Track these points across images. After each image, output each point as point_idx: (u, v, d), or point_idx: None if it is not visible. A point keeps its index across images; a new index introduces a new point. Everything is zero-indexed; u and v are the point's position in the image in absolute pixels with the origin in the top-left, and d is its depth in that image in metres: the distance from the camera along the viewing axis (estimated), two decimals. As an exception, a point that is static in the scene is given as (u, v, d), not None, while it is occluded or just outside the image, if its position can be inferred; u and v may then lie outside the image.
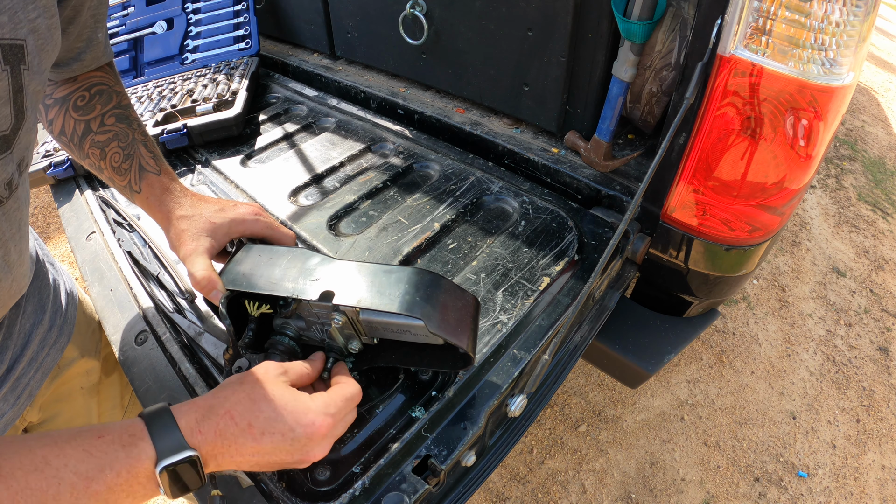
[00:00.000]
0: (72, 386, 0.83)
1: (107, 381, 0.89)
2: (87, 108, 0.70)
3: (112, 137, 0.70)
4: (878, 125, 3.49)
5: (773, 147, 0.73)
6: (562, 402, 1.82)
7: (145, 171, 0.70)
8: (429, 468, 0.61)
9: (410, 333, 0.63)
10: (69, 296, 0.81)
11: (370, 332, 0.64)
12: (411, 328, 0.61)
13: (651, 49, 0.98)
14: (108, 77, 0.73)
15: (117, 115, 0.72)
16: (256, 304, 0.63)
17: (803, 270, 2.32)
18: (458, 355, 0.64)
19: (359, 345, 0.65)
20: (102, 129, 0.70)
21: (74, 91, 0.70)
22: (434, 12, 1.21)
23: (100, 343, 0.88)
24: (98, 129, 0.70)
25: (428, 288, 0.60)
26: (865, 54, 0.70)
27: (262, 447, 0.48)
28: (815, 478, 1.62)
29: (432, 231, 0.92)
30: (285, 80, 1.56)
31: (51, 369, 0.75)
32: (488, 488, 1.59)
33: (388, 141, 1.21)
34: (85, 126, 0.70)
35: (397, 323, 0.60)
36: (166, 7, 1.57)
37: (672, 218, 0.88)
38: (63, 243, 2.57)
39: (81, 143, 0.71)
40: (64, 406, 0.82)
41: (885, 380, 1.90)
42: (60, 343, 0.76)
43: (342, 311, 0.59)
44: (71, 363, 0.81)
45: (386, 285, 0.59)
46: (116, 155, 0.70)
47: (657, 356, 0.96)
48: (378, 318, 0.60)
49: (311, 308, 0.62)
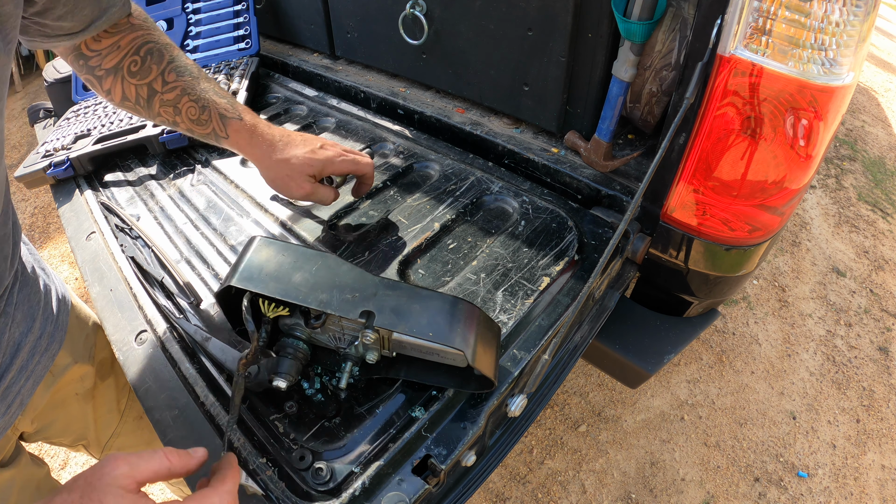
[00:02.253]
0: (66, 393, 0.82)
1: (102, 386, 0.88)
2: (144, 71, 0.71)
3: (181, 93, 0.72)
4: (878, 125, 3.49)
5: (773, 147, 0.73)
6: (562, 402, 1.82)
7: (227, 118, 0.74)
8: (429, 468, 0.61)
9: (438, 356, 0.63)
10: (61, 302, 0.79)
11: (395, 349, 0.64)
12: (442, 353, 0.62)
13: (651, 49, 0.98)
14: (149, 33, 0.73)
15: (177, 70, 0.73)
16: (273, 305, 0.61)
17: (803, 270, 2.32)
18: (475, 377, 0.65)
19: (376, 356, 0.64)
20: (167, 87, 0.72)
21: (124, 57, 0.71)
22: (434, 12, 1.21)
23: (94, 348, 0.87)
24: (163, 89, 0.72)
25: (467, 319, 0.60)
26: (865, 54, 0.70)
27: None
28: (815, 478, 1.62)
29: (432, 231, 0.92)
30: (285, 80, 1.56)
31: (42, 377, 0.73)
32: (488, 488, 1.59)
33: (388, 141, 1.21)
34: (148, 89, 0.72)
35: (429, 346, 0.60)
36: (166, 7, 1.57)
37: (672, 218, 0.88)
38: (63, 243, 2.57)
39: (150, 104, 0.72)
40: (59, 413, 0.82)
41: (885, 380, 1.90)
42: (52, 350, 0.75)
43: (376, 330, 0.59)
44: (64, 370, 0.80)
45: (426, 312, 0.59)
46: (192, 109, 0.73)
47: (657, 356, 0.96)
48: (410, 339, 0.60)
49: (342, 321, 0.62)
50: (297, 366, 0.62)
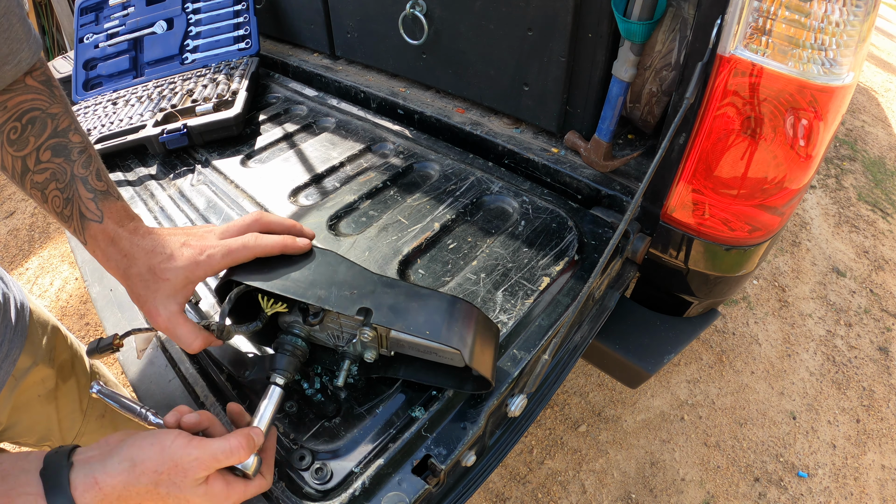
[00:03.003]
0: (29, 395, 0.83)
1: (64, 388, 0.89)
2: (21, 141, 0.60)
3: (49, 178, 0.61)
4: (878, 125, 3.49)
5: (773, 147, 0.73)
6: (562, 402, 1.82)
7: (86, 219, 0.60)
8: (429, 468, 0.61)
9: (436, 355, 0.63)
10: (19, 309, 0.80)
11: (393, 348, 0.64)
12: (439, 352, 0.61)
13: (651, 49, 0.98)
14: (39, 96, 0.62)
15: (53, 148, 0.61)
16: (271, 302, 0.62)
17: (803, 270, 2.32)
18: (473, 377, 0.64)
19: (374, 355, 0.64)
20: (39, 166, 0.61)
21: (6, 122, 0.60)
22: (434, 12, 1.21)
23: (54, 351, 0.88)
24: (35, 167, 0.61)
25: (465, 319, 0.60)
26: (865, 54, 0.70)
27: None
28: (815, 478, 1.62)
29: (432, 231, 0.92)
30: (285, 80, 1.56)
31: (5, 381, 0.74)
32: (488, 488, 1.59)
33: (388, 141, 1.21)
34: (22, 164, 0.61)
35: (427, 345, 0.60)
36: (166, 7, 1.57)
37: (672, 218, 0.88)
38: (63, 243, 2.57)
39: (22, 182, 0.62)
40: (23, 414, 0.83)
41: (885, 380, 1.90)
42: (13, 355, 0.76)
43: (374, 327, 0.59)
44: (26, 372, 0.81)
45: (424, 310, 0.59)
46: (56, 199, 0.61)
47: (657, 356, 0.96)
48: (409, 338, 0.60)
49: (340, 318, 0.61)
50: (294, 363, 0.61)
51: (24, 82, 0.61)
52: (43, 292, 2.33)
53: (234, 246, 0.59)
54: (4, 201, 2.86)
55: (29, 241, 2.61)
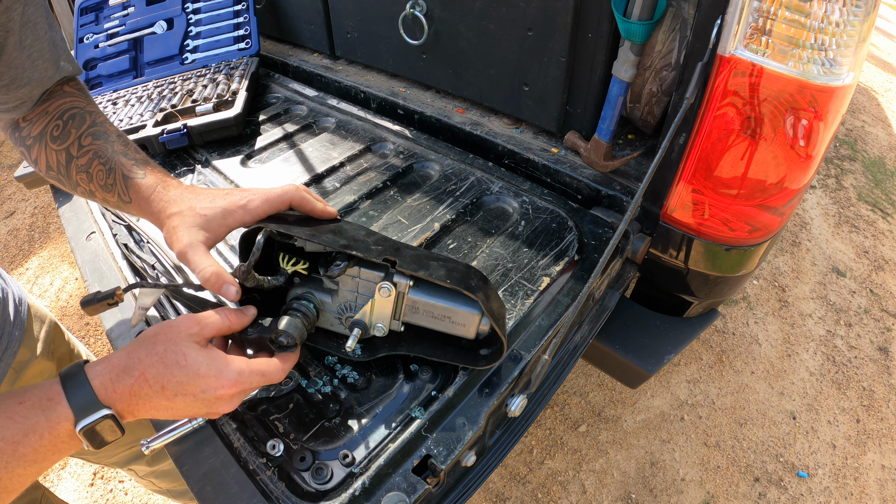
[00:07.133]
0: None
1: None
2: (64, 135, 0.67)
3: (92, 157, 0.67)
4: (878, 125, 3.49)
5: (773, 147, 0.73)
6: (562, 402, 1.82)
7: (129, 178, 0.65)
8: (429, 468, 0.61)
9: (449, 321, 0.64)
10: (17, 304, 0.82)
11: (407, 314, 0.64)
12: (454, 314, 0.63)
13: (651, 49, 0.98)
14: (77, 99, 0.70)
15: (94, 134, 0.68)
16: (292, 261, 0.62)
17: (803, 270, 2.32)
18: (480, 355, 0.67)
19: (384, 328, 0.64)
20: (81, 150, 0.67)
21: (48, 123, 0.68)
22: (434, 12, 1.21)
23: (53, 344, 0.91)
24: (78, 152, 0.67)
25: (480, 280, 0.64)
26: (865, 54, 0.70)
27: (174, 405, 0.52)
28: (815, 478, 1.62)
29: (432, 231, 0.92)
30: (285, 80, 1.56)
31: (6, 373, 0.77)
32: (488, 488, 1.59)
33: (388, 141, 1.21)
34: (66, 154, 0.67)
35: (442, 307, 0.62)
36: (166, 7, 1.57)
37: (672, 218, 0.88)
38: (63, 243, 2.57)
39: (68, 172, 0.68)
40: None
41: (885, 380, 1.90)
42: (13, 348, 0.79)
43: (394, 283, 0.61)
44: (26, 364, 0.83)
45: (444, 268, 0.62)
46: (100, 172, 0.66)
47: (657, 356, 0.96)
48: (425, 299, 0.62)
49: (360, 274, 0.63)
50: (301, 327, 0.60)
51: (63, 89, 0.70)
52: (43, 292, 2.33)
53: (273, 195, 0.63)
54: (4, 201, 2.86)
55: (29, 241, 2.61)
